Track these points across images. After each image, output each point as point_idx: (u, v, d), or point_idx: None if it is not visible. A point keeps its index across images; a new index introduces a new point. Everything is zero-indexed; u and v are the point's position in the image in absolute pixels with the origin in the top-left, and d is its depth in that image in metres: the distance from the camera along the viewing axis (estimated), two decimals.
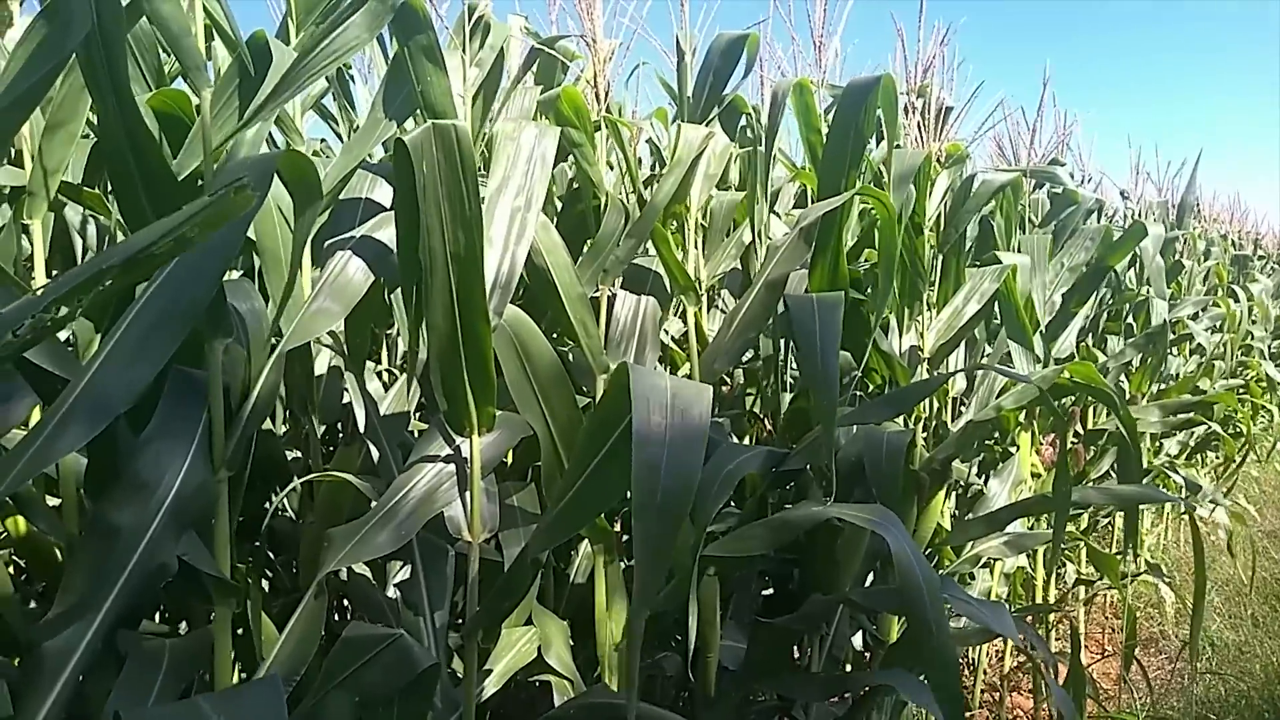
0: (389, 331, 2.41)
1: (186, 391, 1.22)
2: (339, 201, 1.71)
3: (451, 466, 1.55)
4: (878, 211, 1.90)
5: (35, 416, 1.49)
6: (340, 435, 2.14)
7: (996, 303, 2.72)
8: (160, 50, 1.70)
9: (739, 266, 2.55)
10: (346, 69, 2.61)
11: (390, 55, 1.87)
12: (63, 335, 1.76)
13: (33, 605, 1.74)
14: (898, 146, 2.07)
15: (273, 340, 1.29)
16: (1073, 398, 3.18)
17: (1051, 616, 3.88)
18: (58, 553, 1.73)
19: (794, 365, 2.86)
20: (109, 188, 1.92)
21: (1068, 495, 2.07)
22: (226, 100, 1.23)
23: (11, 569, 1.88)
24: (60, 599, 1.13)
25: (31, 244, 1.50)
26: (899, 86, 2.17)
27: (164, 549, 1.18)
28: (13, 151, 1.74)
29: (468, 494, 1.54)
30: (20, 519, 1.62)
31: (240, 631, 1.85)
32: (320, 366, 1.92)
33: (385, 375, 2.22)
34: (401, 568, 2.11)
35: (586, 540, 2.17)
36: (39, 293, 0.77)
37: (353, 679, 1.24)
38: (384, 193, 1.91)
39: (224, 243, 1.04)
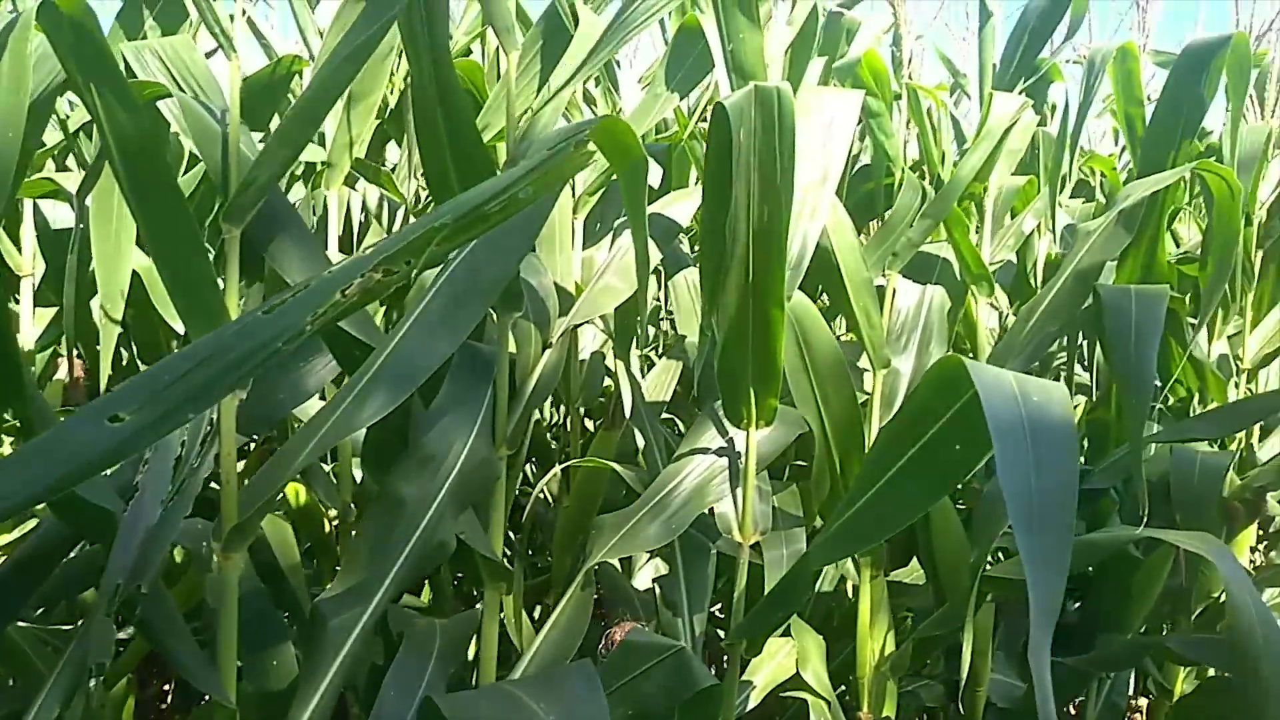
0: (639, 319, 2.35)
1: (473, 366, 1.19)
2: (610, 183, 1.65)
3: (723, 461, 1.45)
4: (1217, 192, 1.62)
5: None
6: (585, 420, 2.10)
7: None
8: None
9: (1013, 259, 2.32)
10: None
11: (669, 33, 1.79)
12: None
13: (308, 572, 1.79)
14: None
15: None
16: None
17: None
18: (325, 522, 1.78)
19: (1080, 368, 2.57)
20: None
21: None
22: (527, 67, 1.18)
23: None
24: (345, 569, 1.12)
25: (327, 217, 1.53)
26: None
27: (445, 525, 1.15)
28: None
29: (739, 491, 1.43)
30: (300, 489, 1.68)
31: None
32: (581, 353, 1.89)
33: (641, 362, 2.16)
34: (649, 560, 2.06)
35: None
36: (368, 252, 0.71)
37: (628, 688, 1.16)
38: (652, 174, 1.84)
39: (530, 217, 0.98)
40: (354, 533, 1.40)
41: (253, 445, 1.88)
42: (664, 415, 2.02)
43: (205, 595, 1.16)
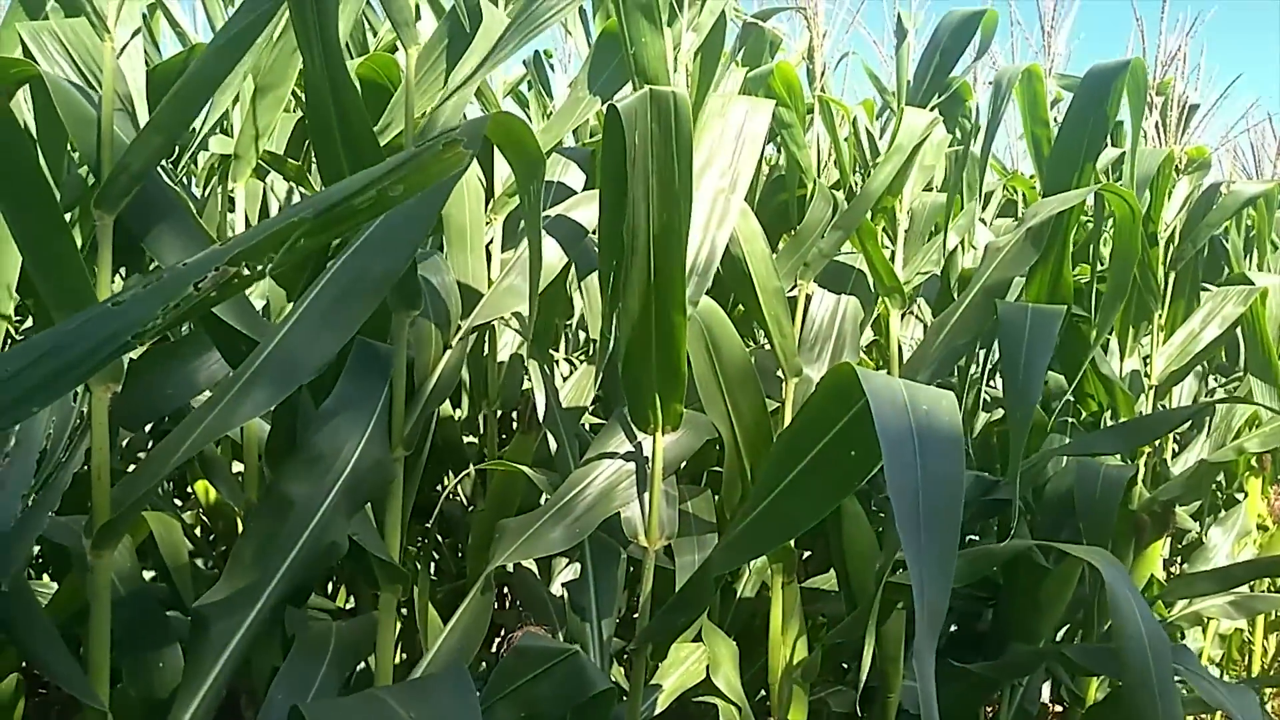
0: (568, 322, 2.35)
1: (370, 365, 1.17)
2: None
3: (631, 465, 1.45)
4: (1118, 212, 1.67)
5: None
6: (514, 424, 2.09)
7: (1240, 330, 2.39)
8: (365, 22, 1.69)
9: (936, 273, 2.35)
10: (548, 57, 2.57)
11: (594, 36, 1.79)
12: (258, 306, 1.78)
13: (216, 570, 1.76)
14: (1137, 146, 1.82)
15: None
16: None
17: (1268, 691, 3.43)
18: (239, 520, 1.75)
19: (990, 380, 2.62)
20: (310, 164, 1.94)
21: None
22: (433, 64, 1.17)
23: (199, 530, 1.93)
24: (229, 571, 1.09)
25: (235, 211, 1.50)
26: None
27: (336, 526, 1.13)
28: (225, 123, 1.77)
29: (647, 495, 1.43)
30: (211, 488, 1.64)
31: (404, 613, 1.83)
32: (501, 355, 1.88)
33: (564, 366, 2.15)
34: (567, 564, 2.05)
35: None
36: (225, 245, 0.70)
37: (521, 692, 1.15)
38: (575, 177, 1.84)
39: (422, 210, 0.97)
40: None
41: None
42: (593, 420, 2.02)
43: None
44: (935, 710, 0.82)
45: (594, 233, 1.35)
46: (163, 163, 1.04)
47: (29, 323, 1.65)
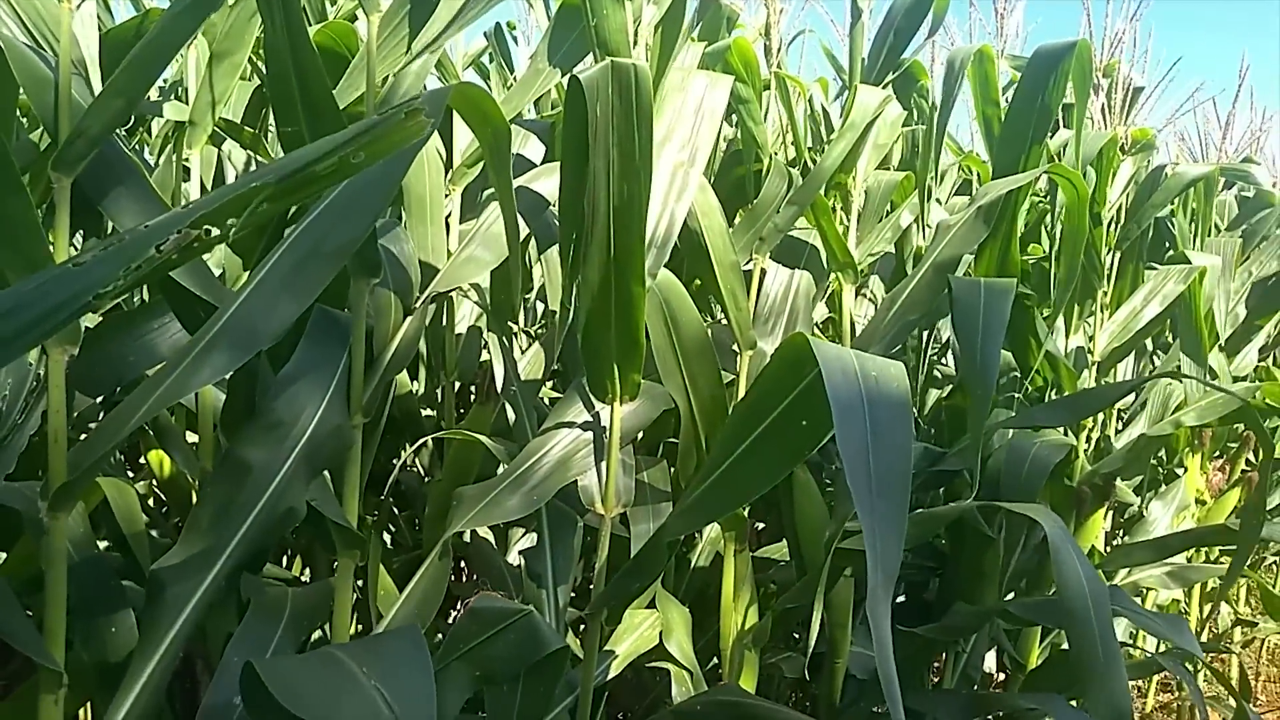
0: (526, 295, 2.35)
1: (329, 332, 1.18)
2: None
3: (588, 434, 1.47)
4: (1065, 193, 1.72)
5: None
6: (472, 395, 2.10)
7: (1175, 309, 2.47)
8: None
9: (891, 250, 2.39)
10: (511, 28, 2.56)
11: (553, 9, 1.79)
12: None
13: (169, 542, 1.75)
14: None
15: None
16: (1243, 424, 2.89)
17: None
18: (193, 493, 1.74)
19: (941, 358, 2.68)
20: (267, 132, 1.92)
21: (1258, 528, 1.85)
22: (393, 31, 1.17)
23: (153, 502, 1.92)
24: (185, 536, 1.10)
25: (189, 179, 1.49)
26: None
27: (293, 492, 1.14)
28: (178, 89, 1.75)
29: (604, 464, 1.45)
30: (165, 459, 1.63)
31: (360, 583, 1.84)
32: (459, 327, 1.88)
33: (523, 338, 2.16)
34: (524, 535, 2.07)
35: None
36: (187, 207, 0.71)
37: (476, 652, 1.17)
38: (535, 149, 1.84)
39: (384, 178, 0.98)
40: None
41: None
42: (552, 393, 2.04)
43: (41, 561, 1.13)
44: (892, 664, 0.86)
45: (555, 205, 1.37)
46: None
47: None
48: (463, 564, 2.27)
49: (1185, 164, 2.69)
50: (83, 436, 1.23)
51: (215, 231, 0.70)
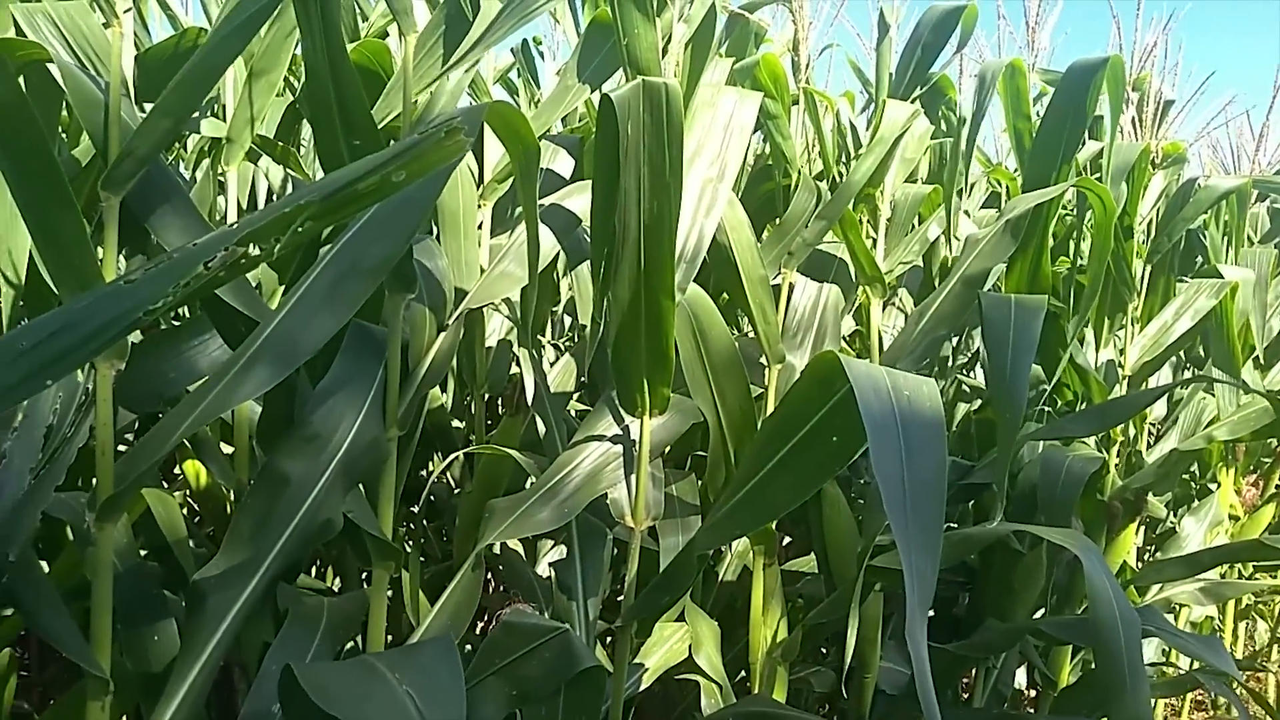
0: (554, 309, 2.37)
1: (365, 346, 1.19)
2: None
3: (618, 448, 1.48)
4: (1094, 207, 1.71)
5: None
6: (500, 408, 2.12)
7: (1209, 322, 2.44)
8: (357, 7, 1.70)
9: (919, 264, 2.39)
10: (537, 44, 2.59)
11: (582, 25, 1.81)
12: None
13: (204, 552, 1.78)
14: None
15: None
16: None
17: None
18: (228, 504, 1.77)
19: (969, 370, 2.67)
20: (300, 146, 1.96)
21: None
22: (429, 50, 1.19)
23: (186, 513, 1.95)
24: (226, 546, 1.12)
25: (226, 196, 1.52)
26: None
27: (331, 504, 1.16)
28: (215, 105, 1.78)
29: (634, 477, 1.46)
30: (201, 470, 1.66)
31: (390, 595, 1.85)
32: (489, 340, 1.90)
33: (550, 351, 2.18)
34: (553, 546, 2.08)
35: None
36: (234, 226, 0.73)
37: (509, 669, 1.18)
38: (564, 164, 1.86)
39: (421, 195, 1.00)
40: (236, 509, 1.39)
41: None
42: (579, 405, 2.05)
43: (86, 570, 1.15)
44: (931, 687, 0.86)
45: (586, 222, 1.38)
46: None
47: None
48: (490, 576, 2.28)
49: (1217, 176, 2.67)
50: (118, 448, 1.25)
51: (260, 249, 0.73)
